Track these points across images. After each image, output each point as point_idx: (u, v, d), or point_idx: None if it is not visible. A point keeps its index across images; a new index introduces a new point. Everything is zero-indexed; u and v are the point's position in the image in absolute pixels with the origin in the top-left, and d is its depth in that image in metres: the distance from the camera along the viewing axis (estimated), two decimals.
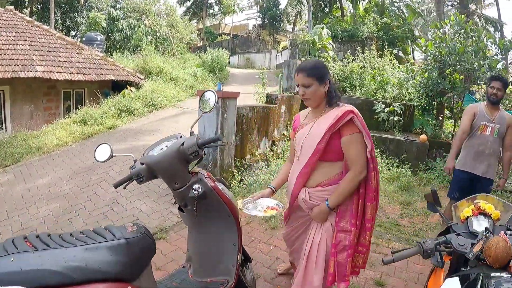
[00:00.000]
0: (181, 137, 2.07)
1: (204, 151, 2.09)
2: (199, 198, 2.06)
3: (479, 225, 1.74)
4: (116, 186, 2.09)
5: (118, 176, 5.77)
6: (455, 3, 20.35)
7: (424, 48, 8.09)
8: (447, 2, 21.10)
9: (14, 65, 10.21)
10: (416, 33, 19.85)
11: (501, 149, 3.86)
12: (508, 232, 1.59)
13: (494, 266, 1.39)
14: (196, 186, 2.05)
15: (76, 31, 24.82)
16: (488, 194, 1.97)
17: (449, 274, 1.59)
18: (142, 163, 2.03)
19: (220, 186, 2.19)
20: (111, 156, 2.19)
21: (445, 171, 4.04)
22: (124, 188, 2.14)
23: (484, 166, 3.71)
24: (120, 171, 5.97)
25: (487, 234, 1.53)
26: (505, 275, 1.31)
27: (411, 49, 18.77)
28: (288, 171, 2.57)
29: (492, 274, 1.33)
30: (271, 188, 2.59)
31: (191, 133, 2.09)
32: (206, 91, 2.25)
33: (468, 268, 1.53)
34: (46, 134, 8.64)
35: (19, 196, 5.55)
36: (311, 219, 2.39)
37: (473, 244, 1.52)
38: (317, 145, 2.21)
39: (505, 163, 3.81)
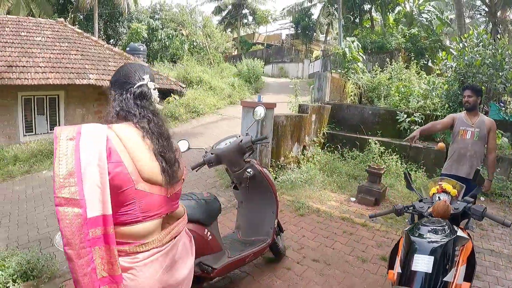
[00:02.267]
0: (239, 136, 3.04)
1: (255, 147, 3.06)
2: (250, 178, 3.02)
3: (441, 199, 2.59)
4: (193, 168, 3.09)
5: None
6: (484, 12, 20.37)
7: (444, 61, 8.64)
8: (476, 11, 21.12)
9: (69, 73, 11.52)
10: (448, 42, 20.02)
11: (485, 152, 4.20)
12: (459, 201, 2.43)
13: (437, 217, 2.25)
14: (249, 170, 3.01)
15: (116, 40, 26.37)
16: (450, 178, 2.79)
17: None
18: (212, 153, 3.00)
19: (265, 170, 3.15)
20: (188, 148, 3.18)
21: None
22: (196, 171, 3.13)
23: (467, 167, 3.98)
24: None
25: (438, 200, 2.40)
26: (436, 220, 2.16)
27: (442, 59, 18.96)
28: None
29: (432, 219, 2.19)
30: None
31: (246, 134, 3.05)
32: (258, 105, 3.21)
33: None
34: None
35: None
36: None
37: (428, 207, 2.38)
38: None
39: (490, 165, 4.09)
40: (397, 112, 8.80)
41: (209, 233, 2.62)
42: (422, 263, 1.89)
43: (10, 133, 11.08)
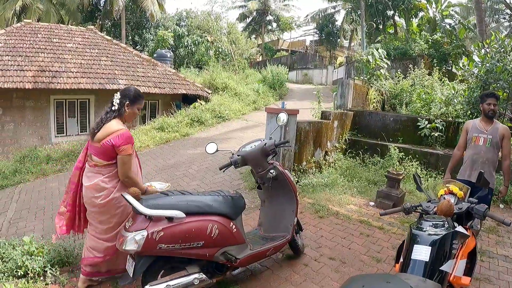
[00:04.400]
0: (263, 140, 3.33)
1: (278, 150, 3.35)
2: (273, 179, 3.32)
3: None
4: (221, 168, 3.43)
5: (197, 173, 7.20)
6: (508, 15, 20.04)
7: (466, 67, 8.68)
8: (500, 14, 20.77)
9: (100, 78, 12.14)
10: (471, 48, 19.79)
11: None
12: (464, 202, 2.65)
13: (440, 215, 2.47)
14: (272, 170, 3.31)
15: (142, 46, 27.16)
16: (456, 181, 3.01)
17: None
18: (238, 155, 3.31)
19: (287, 172, 3.44)
20: (217, 150, 3.50)
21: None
22: (223, 171, 3.44)
23: (478, 173, 4.14)
24: (198, 170, 7.38)
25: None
26: (438, 217, 2.39)
27: (464, 65, 18.83)
28: None
29: (434, 216, 2.42)
30: None
31: (270, 138, 3.36)
32: (281, 112, 3.50)
33: None
34: None
35: None
36: None
37: (434, 207, 2.61)
38: None
39: (505, 171, 4.18)
40: (418, 118, 8.87)
41: (234, 226, 2.93)
42: (421, 253, 2.14)
43: (43, 134, 11.76)
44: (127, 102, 3.10)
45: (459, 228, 2.32)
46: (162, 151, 9.12)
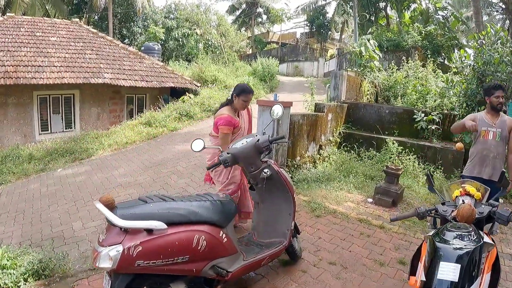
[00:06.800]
0: (256, 135, 2.98)
1: (273, 146, 2.99)
2: (267, 179, 2.96)
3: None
4: (209, 168, 3.06)
5: (185, 170, 6.83)
6: (500, 9, 19.90)
7: (462, 59, 8.46)
8: (492, 8, 20.66)
9: (85, 72, 11.69)
10: (464, 41, 19.63)
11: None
12: (484, 205, 2.34)
13: (461, 222, 2.16)
14: (266, 170, 2.95)
15: (131, 39, 26.56)
16: (473, 180, 2.69)
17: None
18: (228, 153, 2.95)
19: (282, 171, 3.08)
20: (204, 147, 3.14)
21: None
22: (212, 171, 3.09)
23: (490, 169, 3.90)
24: (186, 167, 7.02)
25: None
26: (462, 225, 2.07)
27: (457, 58, 18.67)
28: None
29: (457, 225, 2.10)
30: None
31: (264, 133, 2.99)
32: (275, 104, 3.15)
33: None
34: (115, 133, 9.87)
35: (99, 183, 6.68)
36: None
37: (452, 211, 2.29)
38: None
39: (510, 165, 3.98)
40: (415, 111, 8.64)
41: (224, 235, 2.57)
42: (448, 271, 1.81)
43: (26, 131, 11.28)
44: (235, 94, 3.84)
45: (486, 238, 2.00)
46: (149, 147, 8.74)
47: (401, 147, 7.55)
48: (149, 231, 2.23)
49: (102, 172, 7.28)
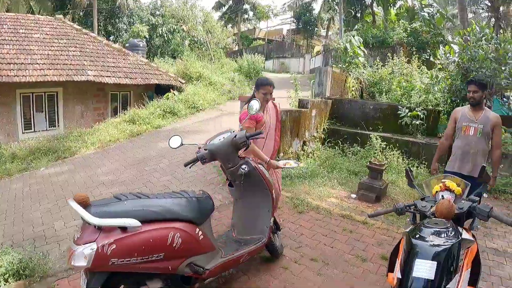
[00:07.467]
0: (233, 131, 2.91)
1: (250, 142, 2.93)
2: (245, 175, 2.90)
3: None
4: (186, 165, 2.98)
5: (168, 168, 6.74)
6: (486, 6, 20.12)
7: (447, 55, 8.51)
8: (478, 6, 20.88)
9: (68, 70, 11.43)
10: (450, 38, 19.79)
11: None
12: (464, 200, 2.31)
13: (440, 218, 2.12)
14: (244, 166, 2.89)
15: (116, 36, 26.16)
16: (454, 176, 2.66)
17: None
18: (205, 149, 2.88)
19: (261, 167, 3.03)
20: (181, 144, 3.06)
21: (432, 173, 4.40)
22: (190, 167, 3.02)
23: (470, 165, 3.90)
24: (169, 164, 6.92)
25: (442, 199, 2.27)
26: (440, 221, 2.03)
27: (442, 54, 18.82)
28: None
29: (435, 221, 2.06)
30: None
31: (241, 129, 2.93)
32: (252, 99, 3.08)
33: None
34: (98, 131, 9.68)
35: (82, 182, 6.54)
36: None
37: (431, 206, 2.26)
38: None
39: (494, 161, 3.97)
40: (399, 107, 8.67)
41: (200, 233, 2.51)
42: (424, 269, 1.76)
43: (9, 130, 11.01)
44: (255, 89, 3.81)
45: (465, 234, 1.97)
46: (132, 145, 8.60)
47: (385, 143, 7.57)
48: (123, 228, 2.17)
49: (85, 170, 7.14)
